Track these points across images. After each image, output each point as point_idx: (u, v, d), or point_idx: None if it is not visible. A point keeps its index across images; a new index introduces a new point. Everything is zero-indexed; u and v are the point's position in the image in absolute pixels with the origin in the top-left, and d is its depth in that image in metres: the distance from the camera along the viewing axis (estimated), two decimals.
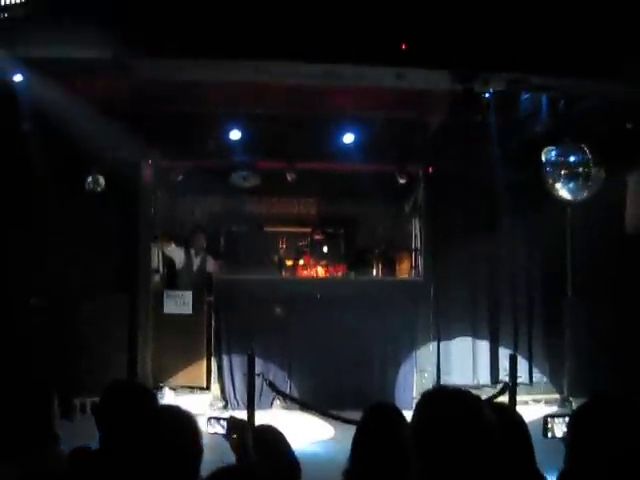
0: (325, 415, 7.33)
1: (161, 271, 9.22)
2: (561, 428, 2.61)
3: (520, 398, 7.22)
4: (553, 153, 6.86)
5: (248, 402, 6.56)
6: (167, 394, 8.19)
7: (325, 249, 9.62)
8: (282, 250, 9.47)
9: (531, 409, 8.00)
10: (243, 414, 6.25)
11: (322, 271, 9.17)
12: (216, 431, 2.90)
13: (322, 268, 9.18)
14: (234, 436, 2.86)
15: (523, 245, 9.17)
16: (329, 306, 8.36)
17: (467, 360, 9.00)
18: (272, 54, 5.36)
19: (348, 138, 8.29)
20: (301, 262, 9.23)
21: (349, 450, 2.89)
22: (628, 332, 8.21)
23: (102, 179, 8.01)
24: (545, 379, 9.05)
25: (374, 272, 9.29)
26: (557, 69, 5.70)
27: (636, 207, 8.22)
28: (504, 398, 6.72)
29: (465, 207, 8.92)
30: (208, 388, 8.52)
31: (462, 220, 8.90)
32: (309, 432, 7.34)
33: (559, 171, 6.80)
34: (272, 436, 3.11)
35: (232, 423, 2.89)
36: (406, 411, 2.73)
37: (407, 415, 2.48)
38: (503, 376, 8.28)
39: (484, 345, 9.05)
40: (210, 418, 2.92)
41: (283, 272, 9.18)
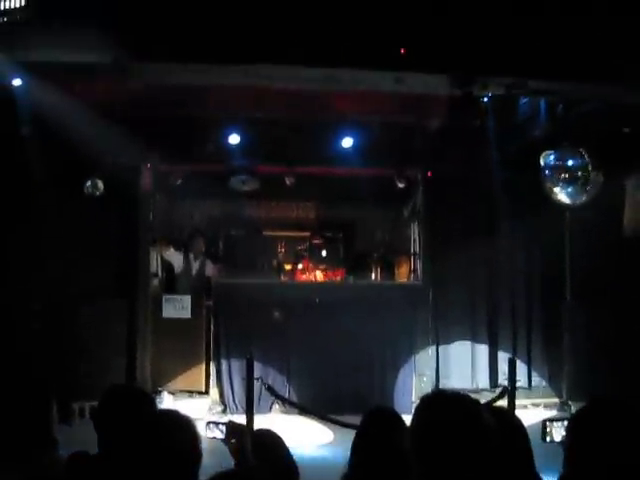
0: (324, 419, 7.32)
1: (160, 275, 9.20)
2: (560, 432, 2.61)
3: (519, 402, 7.22)
4: (552, 157, 6.88)
5: (247, 406, 6.55)
6: (166, 398, 8.17)
7: (324, 253, 9.61)
8: (281, 254, 9.46)
9: (530, 413, 7.97)
10: (242, 418, 6.24)
11: (321, 275, 9.16)
12: (215, 435, 2.90)
13: (321, 272, 9.17)
14: (233, 440, 2.86)
15: (522, 249, 9.17)
16: (328, 310, 8.35)
17: (466, 364, 9.00)
18: (272, 58, 5.37)
19: (347, 142, 8.29)
20: (300, 266, 9.21)
21: (348, 454, 2.89)
22: (627, 336, 8.20)
23: (101, 183, 8.03)
24: (544, 383, 9.05)
25: (373, 276, 9.29)
26: (555, 73, 5.72)
27: (634, 211, 8.23)
28: (503, 402, 6.72)
29: (464, 211, 8.93)
30: (207, 392, 8.49)
31: (461, 224, 8.90)
32: (308, 436, 7.32)
33: (558, 175, 6.82)
34: (271, 440, 3.11)
35: (231, 428, 2.89)
36: (405, 415, 2.73)
37: (406, 419, 2.47)
38: (502, 380, 8.26)
39: (483, 349, 9.05)
40: (209, 422, 2.92)
41: (282, 276, 9.17)
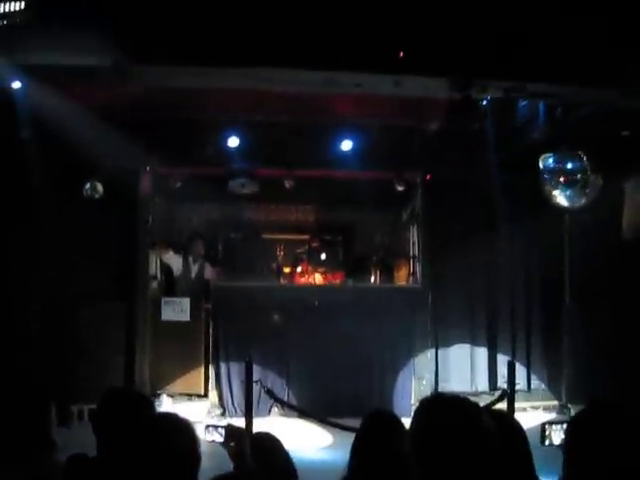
0: (323, 422, 7.32)
1: (159, 278, 9.19)
2: (559, 435, 2.61)
3: (518, 405, 7.22)
4: (550, 160, 6.88)
5: (246, 409, 6.54)
6: (165, 401, 8.15)
7: (323, 256, 9.60)
8: (280, 257, 9.45)
9: (529, 416, 7.98)
10: (241, 421, 6.24)
11: (320, 278, 9.16)
12: (214, 439, 2.89)
13: (320, 275, 9.17)
14: (232, 444, 2.85)
15: (521, 252, 9.17)
16: (327, 313, 8.34)
17: (465, 367, 8.99)
18: (272, 61, 5.37)
19: (346, 145, 8.29)
20: (299, 269, 9.22)
21: (347, 457, 2.89)
22: (626, 339, 8.19)
23: (100, 186, 8.03)
24: (543, 386, 9.04)
25: (372, 279, 9.28)
26: (554, 76, 5.72)
27: (633, 214, 8.23)
28: (502, 405, 6.73)
29: (463, 214, 8.92)
30: (206, 395, 8.48)
31: (460, 227, 8.90)
32: (307, 439, 7.31)
33: (557, 178, 6.83)
34: (270, 444, 3.11)
35: (230, 431, 2.89)
36: (404, 418, 2.73)
37: (405, 422, 2.47)
38: (501, 383, 8.25)
39: (482, 352, 9.04)
40: (208, 426, 2.92)
41: (281, 279, 9.17)
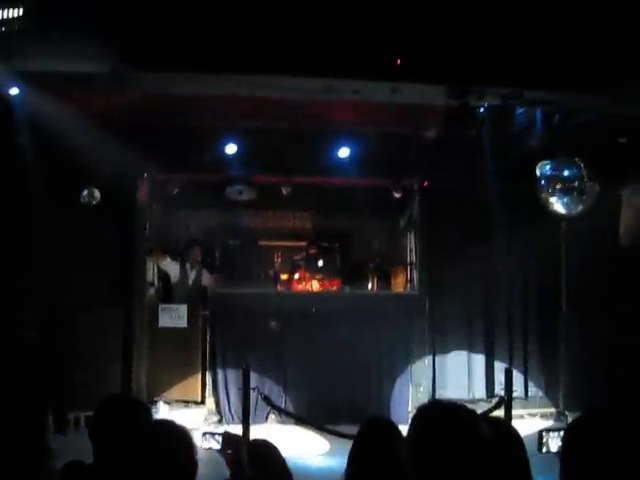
0: (320, 429, 7.32)
1: (156, 285, 9.18)
2: (556, 442, 2.60)
3: (515, 412, 7.23)
4: (548, 167, 6.90)
5: (243, 416, 6.55)
6: (162, 408, 8.13)
7: (320, 263, 9.59)
8: (277, 264, 9.44)
9: (527, 423, 7.97)
10: (238, 428, 6.24)
11: (317, 285, 9.14)
12: (211, 446, 2.88)
13: (317, 282, 9.16)
14: (229, 451, 2.84)
15: (518, 259, 9.18)
16: (324, 320, 8.33)
17: (462, 374, 8.99)
18: (269, 68, 5.38)
19: (343, 152, 8.31)
20: (296, 276, 9.21)
21: (344, 464, 2.89)
22: (623, 346, 8.20)
23: (97, 192, 8.04)
24: (540, 393, 9.04)
25: (369, 286, 9.27)
26: (552, 84, 5.74)
27: (630, 221, 8.25)
28: (500, 412, 6.73)
29: (460, 221, 8.93)
30: (203, 402, 8.46)
31: (457, 234, 8.91)
32: (304, 446, 7.30)
33: (554, 185, 6.84)
34: (267, 451, 3.10)
35: (227, 438, 2.88)
36: (402, 425, 2.73)
37: (403, 429, 2.47)
38: (498, 390, 8.25)
39: (479, 359, 9.04)
40: (205, 433, 2.91)
41: (278, 286, 9.16)
